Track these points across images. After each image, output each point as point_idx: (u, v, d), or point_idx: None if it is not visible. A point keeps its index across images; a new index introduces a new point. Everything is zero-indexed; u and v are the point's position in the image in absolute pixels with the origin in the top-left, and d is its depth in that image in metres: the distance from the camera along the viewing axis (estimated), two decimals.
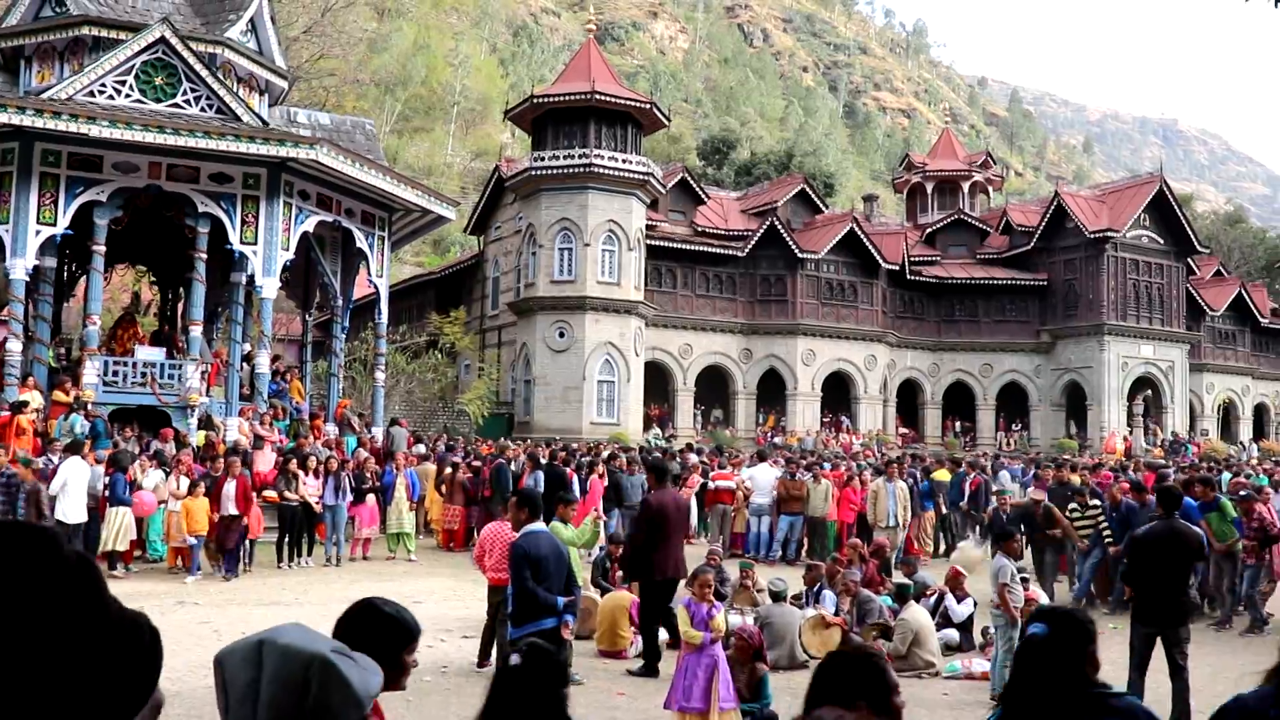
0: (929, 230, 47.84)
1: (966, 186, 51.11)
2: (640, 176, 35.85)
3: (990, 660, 9.90)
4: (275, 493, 16.14)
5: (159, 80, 19.46)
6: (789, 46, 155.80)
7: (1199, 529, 9.50)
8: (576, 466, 19.43)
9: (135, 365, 19.32)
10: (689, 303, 40.77)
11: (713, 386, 41.48)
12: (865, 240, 41.55)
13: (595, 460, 20.04)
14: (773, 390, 41.53)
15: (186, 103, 19.57)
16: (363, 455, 18.84)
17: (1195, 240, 45.29)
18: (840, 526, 18.53)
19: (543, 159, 35.90)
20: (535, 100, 36.23)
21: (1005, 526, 11.61)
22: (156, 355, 20.15)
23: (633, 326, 36.23)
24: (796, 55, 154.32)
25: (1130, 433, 42.06)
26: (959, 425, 45.59)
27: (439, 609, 12.60)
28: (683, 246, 40.31)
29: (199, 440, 18.14)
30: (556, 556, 7.30)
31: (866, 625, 10.93)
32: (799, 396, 41.05)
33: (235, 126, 19.32)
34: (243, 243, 19.69)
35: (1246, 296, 50.05)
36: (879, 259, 41.83)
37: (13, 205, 18.32)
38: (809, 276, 41.49)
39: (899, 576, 13.31)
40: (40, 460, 15.24)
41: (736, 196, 47.80)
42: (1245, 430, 49.91)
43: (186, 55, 19.40)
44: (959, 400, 45.94)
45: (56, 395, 17.98)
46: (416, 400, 39.40)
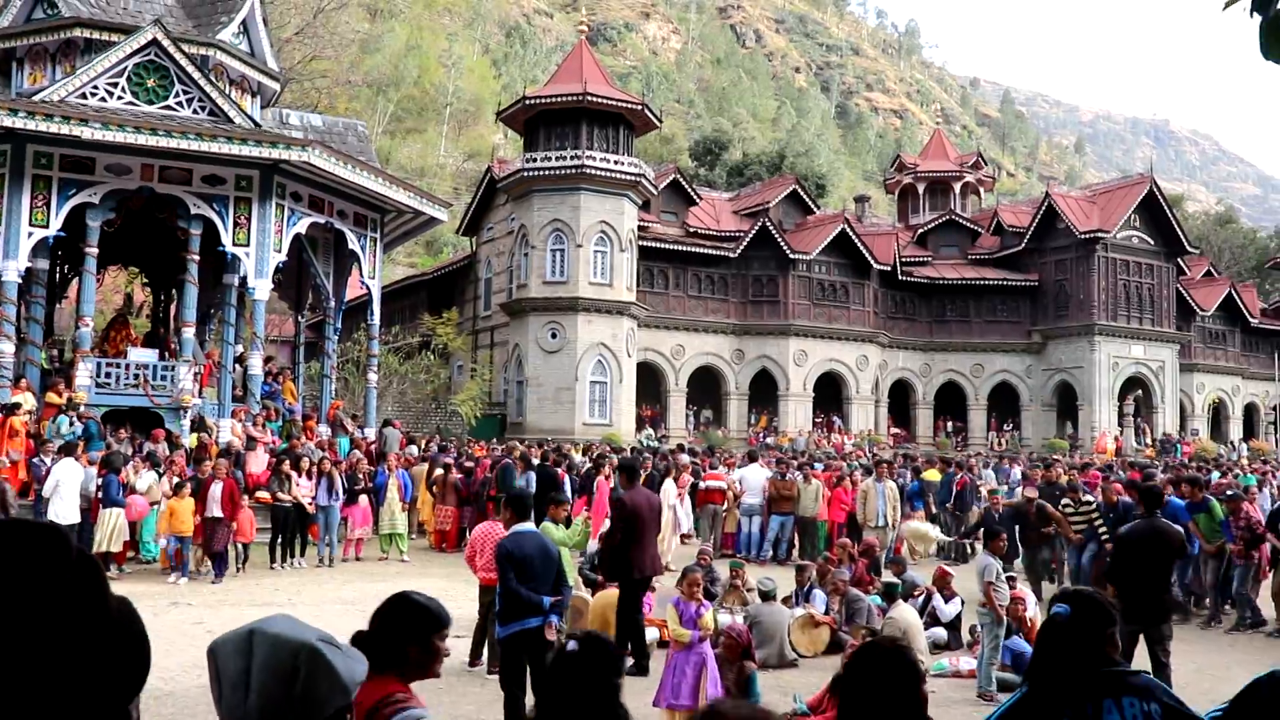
0: (920, 231, 47.98)
1: (958, 187, 51.25)
2: (632, 177, 35.93)
3: (977, 658, 10.00)
4: (268, 494, 16.20)
5: (151, 82, 19.49)
6: (781, 47, 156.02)
7: (1180, 528, 9.59)
8: (568, 467, 19.48)
9: (128, 367, 19.35)
10: (681, 303, 40.85)
11: (705, 387, 41.57)
12: (857, 241, 41.65)
13: (602, 461, 20.07)
14: (765, 391, 41.62)
15: (179, 105, 19.60)
16: (356, 456, 18.91)
17: (1185, 241, 45.52)
18: (831, 526, 18.62)
19: (535, 160, 35.96)
20: (527, 101, 36.28)
21: (993, 525, 11.72)
22: (149, 357, 20.18)
23: (625, 327, 36.30)
24: (789, 56, 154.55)
25: (1121, 433, 42.27)
26: (950, 425, 45.74)
27: None
28: (675, 247, 40.39)
29: (191, 443, 18.18)
30: (543, 556, 7.32)
31: (855, 624, 11.01)
32: (791, 397, 41.14)
33: (227, 128, 19.35)
34: (235, 244, 19.73)
35: (1236, 297, 50.30)
36: (870, 260, 41.94)
37: (5, 207, 18.31)
38: (801, 277, 41.59)
39: (888, 576, 13.41)
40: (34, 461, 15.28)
41: (728, 197, 47.91)
42: (1235, 430, 50.15)
43: (178, 57, 19.42)
44: (950, 400, 46.10)
45: (49, 397, 18.00)
46: (409, 401, 39.41)
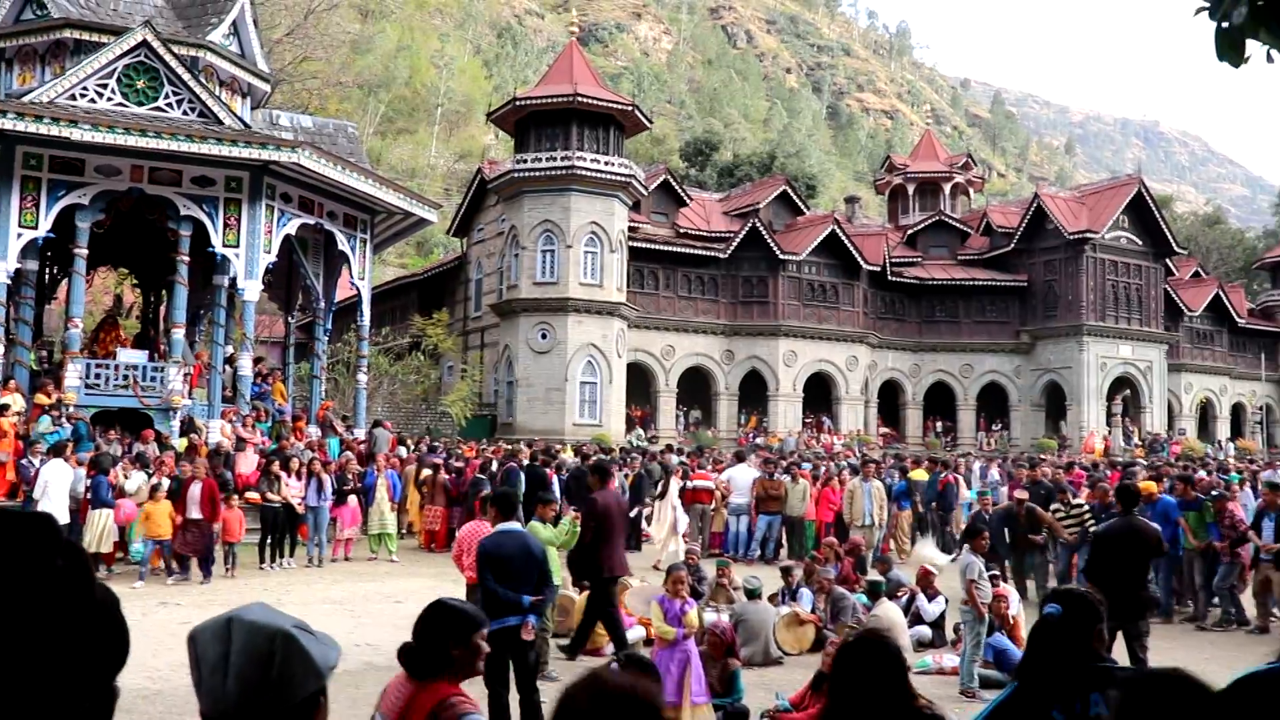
0: (910, 231, 48.12)
1: (948, 188, 51.43)
2: (622, 178, 36.00)
3: (960, 655, 10.10)
4: (258, 494, 16.24)
5: (141, 83, 19.53)
6: (772, 48, 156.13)
7: (1157, 526, 9.71)
8: (557, 467, 19.55)
9: (117, 368, 19.40)
10: (671, 304, 40.93)
11: (694, 388, 41.64)
12: (846, 241, 41.76)
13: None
14: (754, 391, 41.73)
15: (169, 106, 19.65)
16: (346, 456, 18.96)
17: (1173, 241, 45.77)
18: (819, 526, 18.73)
19: (525, 161, 36.00)
20: (518, 102, 36.32)
21: (976, 525, 11.81)
22: (139, 358, 20.23)
23: (615, 328, 36.37)
24: (780, 57, 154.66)
25: (1109, 432, 42.48)
26: (940, 425, 45.90)
27: (419, 608, 12.62)
28: (665, 248, 40.47)
29: (181, 446, 18.19)
30: (524, 556, 7.31)
31: (840, 622, 11.11)
32: (780, 397, 41.26)
33: (217, 130, 19.40)
34: (225, 245, 19.79)
35: (1224, 297, 50.55)
36: (860, 260, 42.05)
37: None
38: (790, 278, 41.69)
39: (874, 574, 13.50)
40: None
41: (719, 198, 47.98)
42: (1223, 429, 50.40)
43: (168, 58, 19.46)
44: (940, 401, 46.25)
45: (38, 398, 18.04)
46: (399, 402, 39.46)
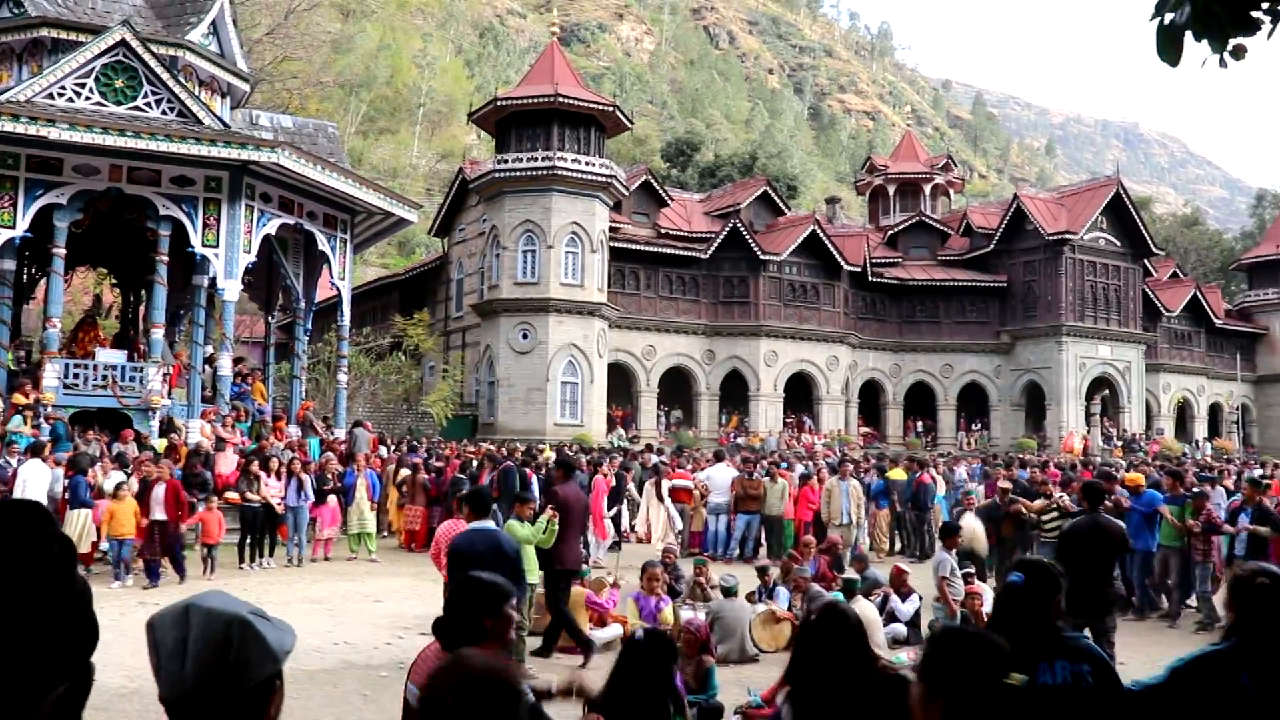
0: (891, 232, 48.36)
1: (928, 189, 51.71)
2: (603, 179, 36.06)
3: None
4: (237, 494, 16.24)
5: (119, 83, 19.47)
6: (754, 49, 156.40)
7: (1121, 524, 9.82)
8: (537, 467, 19.60)
9: (96, 368, 19.32)
10: (652, 304, 41.01)
11: (675, 388, 41.75)
12: (827, 242, 41.92)
13: (600, 460, 20.20)
14: (735, 391, 41.85)
15: (147, 105, 19.59)
16: (327, 456, 18.96)
17: (1151, 242, 46.15)
18: (798, 525, 18.83)
19: (506, 161, 36.04)
20: (499, 102, 36.35)
21: (953, 524, 11.93)
22: (118, 358, 20.17)
23: (596, 328, 36.43)
24: (762, 58, 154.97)
25: (1088, 432, 42.77)
26: (920, 425, 46.14)
27: (399, 607, 12.81)
28: (646, 248, 40.56)
29: (160, 446, 18.15)
30: (495, 554, 7.28)
31: None
32: (761, 397, 41.39)
33: (196, 129, 19.36)
34: (204, 245, 19.75)
35: (1201, 298, 50.99)
36: (841, 261, 42.21)
37: None
38: (771, 278, 41.82)
39: (851, 573, 13.59)
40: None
41: (700, 198, 48.09)
42: (1200, 429, 50.83)
43: (147, 58, 19.41)
44: (920, 400, 46.49)
45: (16, 398, 17.96)
46: (380, 402, 39.42)
